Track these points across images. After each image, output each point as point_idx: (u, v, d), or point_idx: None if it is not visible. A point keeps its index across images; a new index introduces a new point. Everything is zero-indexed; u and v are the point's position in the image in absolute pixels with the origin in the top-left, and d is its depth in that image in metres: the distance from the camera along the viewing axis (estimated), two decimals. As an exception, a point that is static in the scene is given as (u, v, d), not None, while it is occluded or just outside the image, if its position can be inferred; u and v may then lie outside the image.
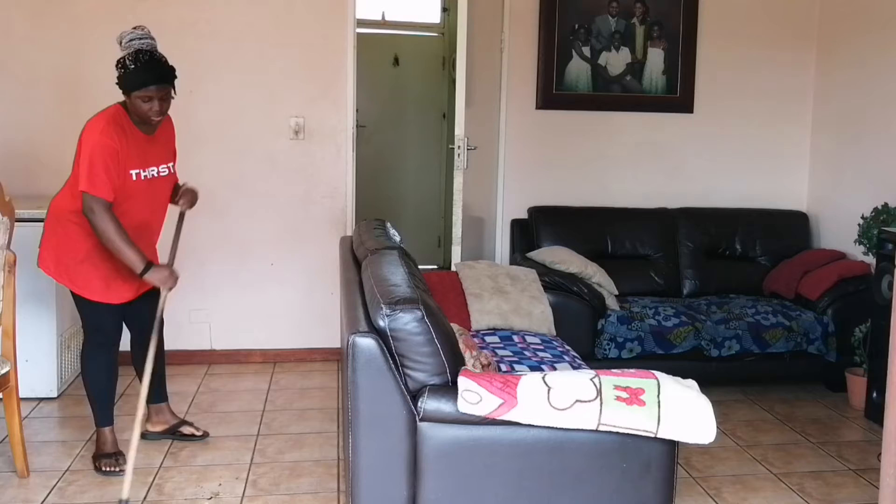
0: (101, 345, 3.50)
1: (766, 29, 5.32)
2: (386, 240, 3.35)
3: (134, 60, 3.26)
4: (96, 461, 3.51)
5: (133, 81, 3.27)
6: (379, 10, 6.75)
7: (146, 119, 3.34)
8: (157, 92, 3.28)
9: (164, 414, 3.80)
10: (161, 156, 3.49)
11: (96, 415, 3.56)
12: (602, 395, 2.39)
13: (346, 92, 4.92)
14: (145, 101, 3.28)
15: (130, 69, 3.26)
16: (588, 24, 5.19)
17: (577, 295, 4.35)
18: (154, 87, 3.27)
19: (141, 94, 3.27)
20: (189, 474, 3.50)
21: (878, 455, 3.45)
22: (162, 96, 3.31)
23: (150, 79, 3.26)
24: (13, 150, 4.68)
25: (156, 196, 3.50)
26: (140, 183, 3.37)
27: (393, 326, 2.46)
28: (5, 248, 3.32)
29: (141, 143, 3.38)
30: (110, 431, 3.56)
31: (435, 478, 2.47)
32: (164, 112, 3.36)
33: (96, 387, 3.53)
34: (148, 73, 3.26)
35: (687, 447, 3.42)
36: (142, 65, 3.25)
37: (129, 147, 3.32)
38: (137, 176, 3.35)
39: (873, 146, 4.81)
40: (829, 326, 4.51)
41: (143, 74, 3.25)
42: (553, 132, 5.27)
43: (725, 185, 5.39)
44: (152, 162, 3.43)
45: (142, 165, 3.37)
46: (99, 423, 3.56)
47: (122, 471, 3.38)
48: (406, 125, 6.95)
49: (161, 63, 3.31)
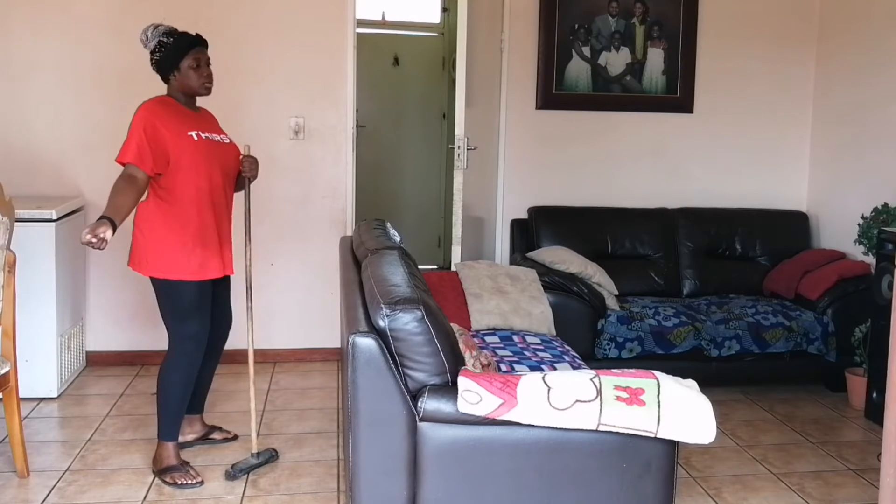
0: (191, 358, 3.38)
1: (766, 29, 5.32)
2: (386, 240, 3.35)
3: (168, 36, 3.33)
4: (164, 476, 3.37)
5: (177, 51, 3.31)
6: (379, 10, 6.75)
7: (199, 88, 3.37)
8: (203, 55, 3.36)
9: (196, 424, 3.72)
10: (214, 128, 3.50)
11: (163, 428, 3.42)
12: (602, 395, 2.39)
13: (346, 92, 4.92)
14: (195, 67, 3.33)
15: (168, 45, 3.32)
16: (588, 24, 5.19)
17: (577, 295, 4.35)
18: (198, 49, 3.34)
19: (189, 59, 3.32)
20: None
21: (878, 455, 3.45)
22: (208, 60, 3.38)
23: (191, 41, 3.34)
24: (13, 150, 4.68)
25: (224, 160, 3.44)
26: (203, 143, 3.34)
27: (393, 326, 2.46)
28: (5, 248, 3.32)
29: (191, 117, 3.40)
30: (174, 446, 3.43)
31: (435, 478, 2.47)
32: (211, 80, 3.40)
33: (174, 400, 3.40)
34: (186, 39, 3.34)
35: (687, 447, 3.43)
36: (176, 38, 3.33)
37: (179, 117, 3.33)
38: (199, 136, 3.34)
39: (873, 146, 4.81)
40: (829, 326, 4.51)
41: (182, 42, 3.33)
42: (553, 132, 5.27)
43: (725, 185, 5.38)
44: (209, 130, 3.43)
45: (199, 129, 3.37)
46: (164, 436, 3.42)
47: (199, 483, 3.35)
48: (406, 125, 6.95)
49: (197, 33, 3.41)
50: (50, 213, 4.23)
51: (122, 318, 4.88)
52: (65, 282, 4.39)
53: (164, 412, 3.41)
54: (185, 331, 3.36)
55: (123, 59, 4.73)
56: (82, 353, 4.78)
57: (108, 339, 4.86)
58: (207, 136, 3.39)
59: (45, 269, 4.21)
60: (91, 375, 4.70)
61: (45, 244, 4.20)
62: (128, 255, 3.41)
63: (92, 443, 3.79)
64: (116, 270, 4.84)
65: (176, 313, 3.37)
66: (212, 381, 3.76)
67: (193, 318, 3.36)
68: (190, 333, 3.36)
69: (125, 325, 4.88)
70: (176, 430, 3.46)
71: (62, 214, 4.34)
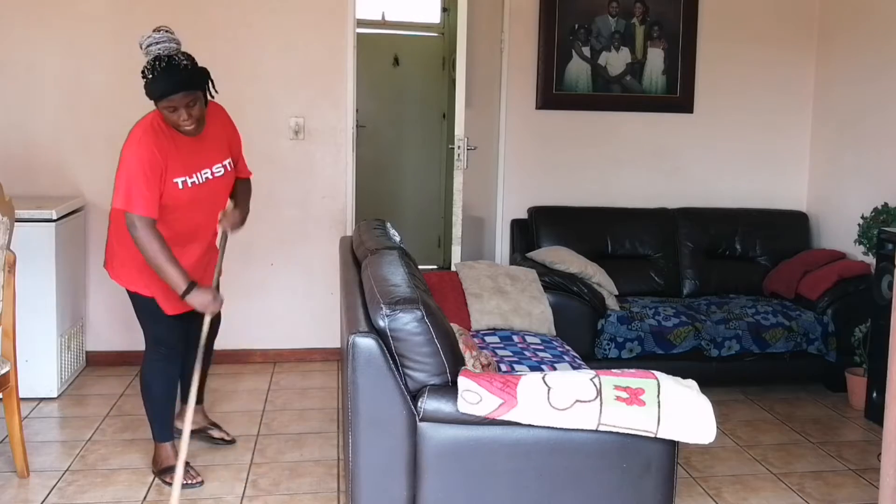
0: (163, 357, 3.35)
1: (765, 29, 5.32)
2: (386, 240, 3.35)
3: (152, 69, 3.04)
4: (164, 476, 3.35)
5: (154, 92, 3.05)
6: (379, 10, 6.75)
7: (179, 129, 3.13)
8: (180, 100, 3.04)
9: (196, 415, 3.56)
10: (212, 155, 3.27)
11: (155, 430, 3.42)
12: (602, 395, 2.39)
13: (346, 92, 4.91)
14: (171, 111, 3.07)
15: (150, 79, 3.05)
16: (588, 24, 5.19)
17: (577, 295, 4.35)
18: (177, 96, 3.03)
19: (164, 104, 3.05)
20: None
21: (878, 455, 3.45)
22: (188, 103, 3.06)
23: (169, 88, 3.01)
24: (13, 150, 4.68)
25: (210, 199, 3.28)
26: (188, 191, 3.18)
27: (393, 326, 2.46)
28: (5, 248, 3.32)
29: (186, 147, 3.17)
30: (171, 446, 3.40)
31: (435, 478, 2.47)
32: (195, 118, 3.12)
33: (156, 401, 3.38)
34: (167, 81, 3.01)
35: (687, 447, 3.42)
36: (160, 73, 3.02)
37: (172, 153, 3.12)
38: (184, 184, 3.16)
39: (873, 146, 4.81)
40: (829, 326, 4.51)
41: (162, 83, 3.02)
42: (553, 132, 5.26)
43: (725, 185, 5.38)
44: (203, 164, 3.22)
45: (188, 172, 3.17)
46: (158, 438, 3.42)
47: (199, 483, 3.33)
48: (406, 125, 6.95)
49: (181, 69, 3.05)
50: (50, 213, 4.23)
51: (122, 318, 4.86)
52: (65, 282, 4.39)
53: (151, 414, 3.43)
54: (157, 334, 3.36)
55: (124, 59, 4.73)
56: (82, 353, 4.78)
57: (108, 339, 4.86)
58: (195, 179, 3.19)
59: (45, 269, 4.21)
60: (91, 375, 4.70)
61: (45, 244, 4.20)
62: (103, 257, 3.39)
63: (92, 443, 3.79)
64: (116, 270, 4.85)
65: (148, 320, 3.36)
66: (206, 375, 3.66)
67: (164, 323, 3.32)
68: (161, 337, 3.35)
69: (125, 325, 4.86)
70: (167, 430, 3.43)
71: (62, 214, 4.34)
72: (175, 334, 3.37)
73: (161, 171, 3.09)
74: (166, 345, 3.36)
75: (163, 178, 3.10)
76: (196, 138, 3.22)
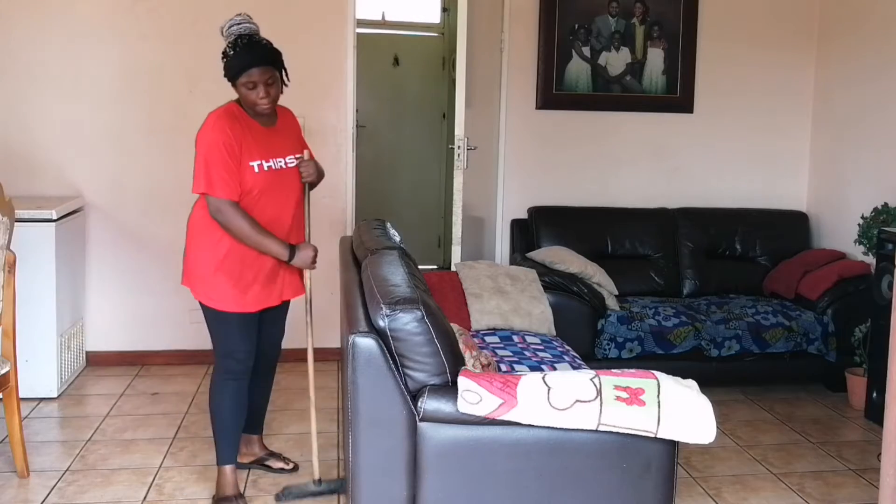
0: (231, 372, 3.21)
1: (766, 29, 5.32)
2: (386, 240, 3.35)
3: (233, 46, 3.06)
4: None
5: (234, 67, 3.06)
6: (379, 10, 6.75)
7: (255, 108, 3.11)
8: (260, 75, 3.05)
9: (252, 446, 3.53)
10: (286, 146, 3.23)
11: (219, 452, 3.25)
12: (602, 395, 2.39)
13: (346, 92, 4.91)
14: (250, 87, 3.06)
15: (230, 56, 3.06)
16: (588, 24, 5.19)
17: (577, 295, 4.35)
18: (256, 70, 3.04)
19: (244, 79, 3.05)
20: (189, 474, 3.50)
21: (878, 455, 3.45)
22: (267, 80, 3.07)
23: (250, 61, 3.03)
24: (13, 150, 4.68)
25: (284, 189, 3.20)
26: (264, 175, 3.11)
27: (393, 326, 2.46)
28: (5, 248, 3.32)
29: (261, 134, 3.16)
30: (232, 471, 3.25)
31: (435, 478, 2.47)
32: (273, 99, 3.12)
33: (222, 421, 3.24)
34: (249, 55, 3.04)
35: (687, 447, 3.42)
36: (241, 48, 3.05)
37: (247, 138, 3.10)
38: (260, 168, 3.10)
39: (873, 146, 4.81)
40: (829, 326, 4.51)
41: (242, 58, 3.04)
42: (553, 132, 5.26)
43: (725, 185, 5.38)
44: (277, 152, 3.17)
45: (264, 156, 3.12)
46: (220, 460, 3.25)
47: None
48: (406, 125, 6.95)
49: (262, 45, 3.09)
50: (50, 213, 4.23)
51: (122, 318, 4.88)
52: (65, 282, 4.39)
53: (216, 434, 3.27)
54: (226, 349, 3.21)
55: (124, 59, 4.74)
56: (82, 353, 4.78)
57: (108, 339, 4.86)
58: (270, 164, 3.14)
59: (45, 269, 4.21)
60: (91, 375, 4.70)
61: (45, 244, 4.20)
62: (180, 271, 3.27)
63: (92, 443, 3.79)
64: (116, 270, 4.85)
65: (220, 332, 3.22)
66: (267, 404, 3.59)
67: (235, 338, 3.20)
68: (230, 352, 3.20)
69: (125, 325, 4.88)
70: (230, 453, 3.26)
71: (62, 214, 4.34)
72: (245, 347, 3.22)
73: (237, 154, 3.05)
74: (235, 358, 3.21)
75: (239, 161, 3.06)
76: (269, 129, 3.20)
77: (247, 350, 3.22)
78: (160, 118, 4.77)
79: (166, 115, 4.77)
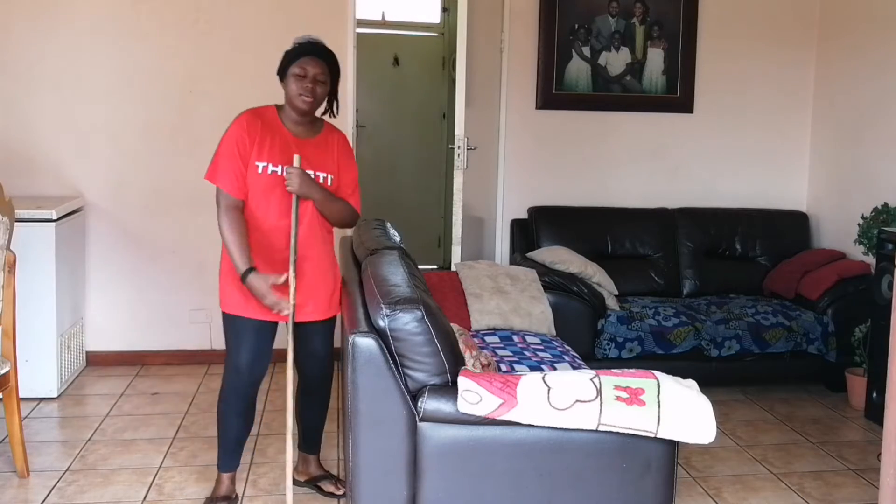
0: (232, 384, 3.14)
1: (766, 29, 5.32)
2: (386, 240, 3.35)
3: (295, 44, 3.08)
4: None
5: (290, 55, 3.04)
6: (379, 10, 6.75)
7: (294, 98, 3.02)
8: (313, 66, 3.00)
9: (309, 465, 3.44)
10: (317, 160, 3.08)
11: (218, 457, 3.24)
12: (602, 395, 2.39)
13: (346, 92, 4.91)
14: (298, 77, 2.99)
15: (290, 49, 3.06)
16: (588, 24, 5.19)
17: (577, 295, 4.35)
18: (311, 59, 3.00)
19: (296, 68, 3.00)
20: (189, 474, 3.50)
21: (878, 455, 3.45)
22: (317, 75, 3.00)
23: (308, 50, 3.02)
24: (13, 150, 4.68)
25: (289, 198, 3.01)
26: (266, 177, 2.99)
27: (393, 326, 2.46)
28: (5, 248, 3.32)
29: (285, 140, 3.05)
30: (229, 479, 3.23)
31: (435, 478, 2.47)
32: (317, 98, 3.03)
33: (224, 432, 3.20)
34: (308, 46, 3.03)
35: (687, 447, 3.42)
36: (304, 43, 3.06)
37: (266, 139, 3.01)
38: (264, 170, 2.99)
39: (873, 146, 4.81)
40: (829, 326, 4.51)
41: (303, 47, 3.04)
42: (553, 132, 5.26)
43: (725, 185, 5.38)
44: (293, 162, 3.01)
45: (273, 160, 3.00)
46: (219, 466, 3.24)
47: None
48: (406, 125, 6.95)
49: (325, 45, 3.08)
50: (50, 213, 4.23)
51: (122, 318, 4.88)
52: (65, 282, 4.39)
53: (218, 441, 3.24)
54: (231, 361, 3.14)
55: (124, 59, 4.74)
56: (82, 353, 4.78)
57: (108, 339, 4.86)
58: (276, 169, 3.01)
59: (45, 269, 4.21)
60: (91, 375, 4.70)
61: (45, 244, 4.20)
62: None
63: (92, 443, 3.79)
64: (116, 270, 4.85)
65: (227, 341, 3.16)
66: (323, 423, 3.45)
67: (240, 349, 3.11)
68: (235, 364, 3.13)
69: (125, 325, 4.88)
70: (228, 460, 3.22)
71: (62, 214, 4.34)
72: (246, 358, 3.11)
73: (247, 150, 2.99)
74: (237, 370, 3.12)
75: (247, 158, 3.00)
76: (299, 140, 3.08)
77: (247, 361, 3.11)
78: (160, 118, 4.77)
79: (166, 115, 4.77)
